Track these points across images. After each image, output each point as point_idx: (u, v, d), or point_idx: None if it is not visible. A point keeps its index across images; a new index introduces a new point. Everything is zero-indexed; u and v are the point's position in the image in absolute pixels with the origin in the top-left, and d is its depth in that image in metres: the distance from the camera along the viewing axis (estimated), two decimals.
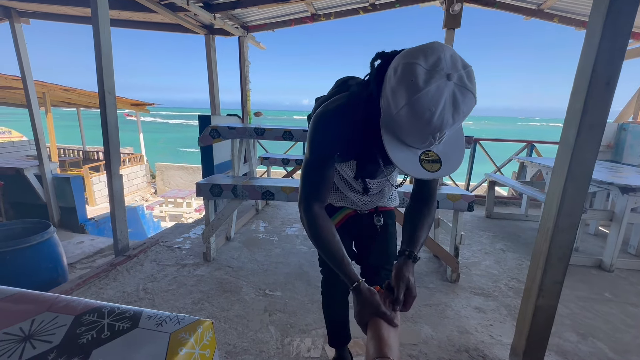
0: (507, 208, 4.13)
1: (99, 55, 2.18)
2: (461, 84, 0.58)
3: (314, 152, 0.81)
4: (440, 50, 0.59)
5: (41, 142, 4.00)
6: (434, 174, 0.66)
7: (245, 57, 4.00)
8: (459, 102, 0.58)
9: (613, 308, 1.96)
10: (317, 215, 0.80)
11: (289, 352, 1.50)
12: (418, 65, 0.58)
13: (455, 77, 0.57)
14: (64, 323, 0.47)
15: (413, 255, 0.81)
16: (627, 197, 2.32)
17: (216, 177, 2.54)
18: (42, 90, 6.63)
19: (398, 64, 0.61)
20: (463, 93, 0.58)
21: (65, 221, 4.37)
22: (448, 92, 0.57)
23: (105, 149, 2.33)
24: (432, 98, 0.57)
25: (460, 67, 0.59)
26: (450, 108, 0.58)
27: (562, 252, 1.23)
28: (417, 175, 0.67)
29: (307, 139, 0.83)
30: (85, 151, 10.05)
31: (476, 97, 0.60)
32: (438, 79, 0.57)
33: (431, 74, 0.57)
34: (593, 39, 1.07)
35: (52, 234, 2.26)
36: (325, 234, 0.80)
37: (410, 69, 0.58)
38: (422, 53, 0.59)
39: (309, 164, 0.82)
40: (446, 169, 0.67)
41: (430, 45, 0.60)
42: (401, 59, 0.62)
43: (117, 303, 1.64)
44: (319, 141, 0.80)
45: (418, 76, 0.57)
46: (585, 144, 1.12)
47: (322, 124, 0.80)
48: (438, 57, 0.58)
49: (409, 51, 0.62)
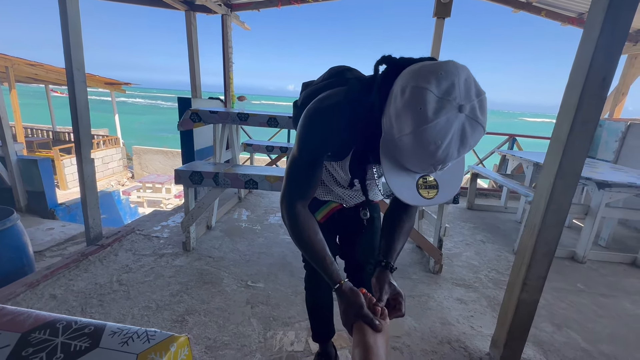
0: (487, 200, 4.23)
1: (65, 26, 1.98)
2: (473, 116, 0.52)
3: (303, 151, 0.74)
4: (454, 74, 0.52)
5: (4, 120, 3.70)
6: (429, 200, 0.63)
7: (228, 37, 3.80)
8: (467, 136, 0.53)
9: (585, 299, 2.04)
10: (299, 214, 0.76)
11: (272, 346, 1.47)
12: (429, 92, 0.51)
13: (467, 108, 0.52)
14: (8, 343, 0.40)
15: (390, 266, 0.79)
16: (603, 192, 2.40)
17: (197, 163, 2.42)
18: (5, 64, 6.13)
19: (406, 85, 0.54)
20: (473, 126, 0.53)
21: (33, 206, 4.10)
22: (458, 125, 0.52)
23: (74, 130, 2.15)
24: (439, 131, 0.51)
25: (474, 96, 0.53)
26: (457, 142, 0.53)
27: (547, 248, 1.24)
28: (412, 203, 0.63)
29: (297, 134, 0.75)
30: (56, 132, 9.49)
31: (485, 129, 0.55)
32: (449, 110, 0.51)
33: (442, 104, 0.51)
34: (592, 33, 1.04)
35: (16, 221, 2.09)
36: (308, 234, 0.75)
37: (420, 95, 0.52)
38: (435, 76, 0.52)
39: (297, 163, 0.76)
40: (442, 196, 0.64)
41: (444, 66, 0.53)
42: (411, 79, 0.54)
43: (89, 296, 1.54)
44: (310, 140, 0.74)
45: (427, 105, 0.51)
46: (577, 140, 1.11)
47: (315, 122, 0.72)
48: (452, 83, 0.52)
49: (420, 70, 0.55)
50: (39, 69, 7.11)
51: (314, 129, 0.73)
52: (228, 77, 3.95)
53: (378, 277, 0.77)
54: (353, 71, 0.87)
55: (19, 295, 1.71)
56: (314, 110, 0.73)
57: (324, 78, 0.90)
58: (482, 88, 0.55)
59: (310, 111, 0.73)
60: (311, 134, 0.73)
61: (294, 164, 0.77)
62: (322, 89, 0.81)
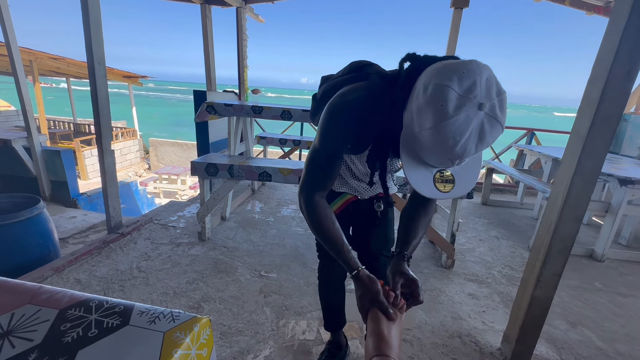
0: (503, 195, 4.14)
1: (87, 21, 2.04)
2: (492, 114, 0.55)
3: (325, 144, 0.76)
4: (477, 72, 0.54)
5: (29, 112, 3.84)
6: (445, 194, 0.66)
7: (243, 30, 3.82)
8: (485, 133, 0.56)
9: (602, 297, 2.00)
10: (317, 204, 0.77)
11: (284, 334, 1.51)
12: (450, 90, 0.53)
13: (487, 106, 0.54)
14: (47, 318, 0.43)
15: (407, 258, 0.80)
16: (625, 189, 2.32)
17: (212, 155, 2.47)
18: (29, 58, 6.34)
19: (429, 82, 0.56)
20: (492, 124, 0.55)
21: (57, 195, 4.28)
22: (477, 122, 0.54)
23: (95, 123, 2.23)
24: (459, 127, 0.54)
25: (494, 95, 0.55)
26: (475, 138, 0.55)
27: (563, 245, 1.22)
28: (429, 196, 0.66)
29: (319, 126, 0.77)
30: (76, 124, 9.79)
31: (504, 127, 0.57)
32: (469, 107, 0.53)
33: (463, 102, 0.53)
34: (618, 23, 1.00)
35: (42, 209, 2.20)
36: (326, 223, 0.77)
37: (442, 92, 0.54)
38: (457, 75, 0.54)
39: (317, 154, 0.78)
40: (458, 190, 0.66)
41: (467, 65, 0.55)
42: (434, 76, 0.56)
43: (110, 281, 1.61)
44: (332, 134, 0.75)
45: (449, 102, 0.53)
46: (598, 135, 1.08)
47: (338, 116, 0.74)
48: (473, 82, 0.53)
49: (444, 69, 0.56)
50: (61, 63, 7.33)
51: (336, 122, 0.74)
52: (242, 70, 3.98)
53: (393, 266, 0.78)
54: (374, 66, 0.88)
55: (47, 278, 1.81)
56: (336, 104, 0.75)
57: (344, 72, 0.91)
58: (502, 87, 0.56)
59: (333, 105, 0.75)
60: (333, 127, 0.75)
61: (314, 156, 0.78)
62: (342, 83, 0.83)
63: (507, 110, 0.57)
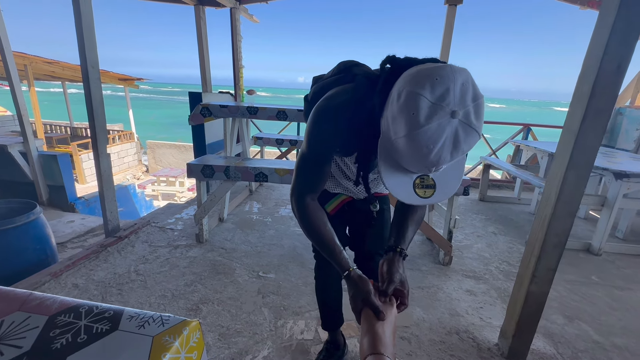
0: (500, 191, 4.16)
1: (79, 25, 2.03)
2: (466, 121, 0.53)
3: (312, 148, 0.77)
4: (450, 79, 0.53)
5: (24, 117, 3.83)
6: (425, 199, 0.65)
7: (237, 31, 3.81)
8: (460, 141, 0.54)
9: (599, 291, 2.01)
10: (308, 206, 0.78)
11: (282, 334, 1.51)
12: (422, 98, 0.52)
13: (460, 114, 0.52)
14: (37, 325, 0.43)
15: (403, 254, 0.80)
16: (621, 182, 2.33)
17: (208, 157, 2.47)
18: (23, 62, 6.32)
19: (402, 89, 0.55)
20: (466, 131, 0.54)
21: (55, 200, 4.27)
22: (450, 130, 0.53)
23: (90, 126, 2.22)
24: (431, 136, 0.53)
25: (469, 101, 0.53)
26: (450, 146, 0.54)
27: (557, 240, 1.23)
28: (407, 202, 0.65)
29: (306, 130, 0.78)
30: (73, 127, 9.76)
31: (480, 133, 0.55)
32: (441, 116, 0.52)
33: (434, 110, 0.52)
34: (607, 18, 1.01)
35: (39, 214, 2.19)
36: (317, 224, 0.78)
37: (414, 100, 0.53)
38: (430, 81, 0.53)
39: (306, 158, 0.78)
40: (440, 195, 0.65)
41: (440, 71, 0.53)
42: (407, 83, 0.55)
43: (108, 285, 1.62)
44: (318, 137, 0.76)
45: (420, 110, 0.52)
46: (589, 130, 1.09)
47: (323, 120, 0.74)
48: (446, 89, 0.52)
49: (417, 75, 0.55)
50: (55, 66, 7.30)
51: (322, 126, 0.75)
52: (238, 71, 3.97)
53: (389, 262, 0.78)
54: (361, 66, 0.88)
55: (44, 284, 1.81)
56: (322, 108, 0.75)
57: (333, 73, 0.91)
58: (479, 92, 0.55)
59: (319, 109, 0.75)
60: (319, 132, 0.75)
61: (303, 160, 0.79)
62: (330, 84, 0.83)
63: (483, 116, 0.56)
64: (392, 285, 0.74)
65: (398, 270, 0.76)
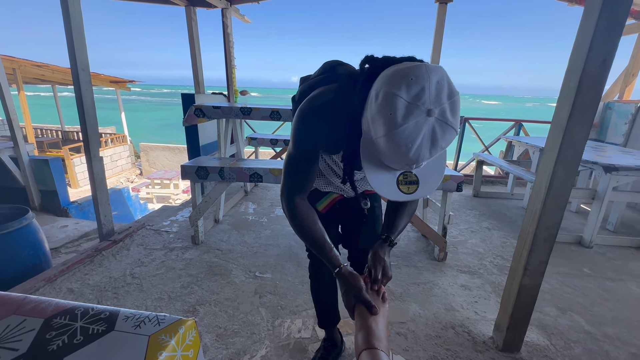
0: (493, 187, 4.20)
1: (68, 28, 2.01)
2: (442, 119, 0.55)
3: (298, 149, 0.78)
4: (425, 78, 0.54)
5: (14, 121, 3.78)
6: (409, 195, 0.66)
7: (229, 32, 3.80)
8: (437, 138, 0.56)
9: (591, 283, 2.05)
10: (297, 206, 0.80)
11: (280, 334, 1.52)
12: (399, 98, 0.54)
13: (436, 112, 0.54)
14: (32, 327, 0.44)
15: (390, 240, 0.82)
16: (610, 176, 2.37)
17: (202, 159, 2.46)
18: (12, 66, 6.23)
19: (380, 90, 0.57)
20: (443, 128, 0.55)
21: (47, 205, 4.22)
22: (427, 128, 0.55)
23: (82, 130, 2.21)
24: (409, 135, 0.54)
25: (445, 99, 0.55)
26: (428, 144, 0.56)
27: (548, 233, 1.25)
28: (392, 198, 0.67)
29: (291, 132, 0.79)
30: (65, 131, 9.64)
31: (457, 129, 0.57)
32: (417, 115, 0.53)
33: (411, 109, 0.53)
34: (591, 15, 1.03)
35: (31, 219, 2.17)
36: (307, 224, 0.80)
37: (391, 101, 0.54)
38: (405, 82, 0.54)
39: (293, 160, 0.80)
40: (422, 191, 0.67)
41: (416, 71, 0.55)
42: (384, 84, 0.57)
43: (104, 289, 1.61)
44: (303, 138, 0.77)
45: (397, 110, 0.54)
46: (577, 125, 1.11)
47: (307, 121, 0.76)
48: (422, 88, 0.53)
49: (393, 75, 0.57)
50: (45, 70, 7.21)
51: (307, 126, 0.76)
52: (230, 72, 3.96)
53: (376, 251, 0.80)
54: (345, 66, 0.89)
55: (38, 289, 1.79)
56: (305, 109, 0.76)
57: (318, 73, 0.92)
58: (455, 89, 0.56)
59: (303, 110, 0.76)
60: (304, 133, 0.77)
61: (290, 161, 0.81)
62: (315, 84, 0.84)
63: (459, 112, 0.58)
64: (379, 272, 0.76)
65: (382, 257, 0.79)
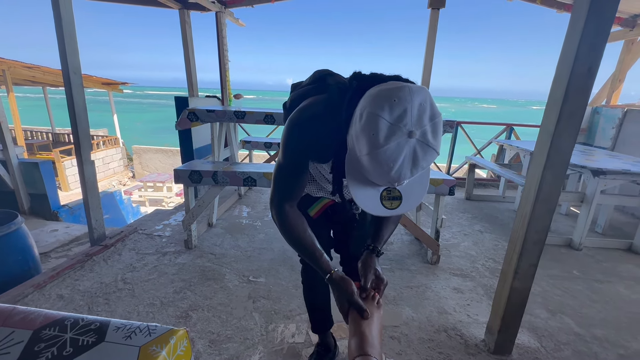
0: (485, 190, 4.25)
1: (60, 30, 1.99)
2: (424, 140, 0.56)
3: (287, 158, 0.80)
4: (407, 101, 0.55)
5: (3, 124, 3.72)
6: (391, 211, 0.68)
7: (223, 35, 3.80)
8: (418, 158, 0.57)
9: (580, 285, 2.08)
10: (287, 214, 0.81)
11: (274, 338, 1.52)
12: (381, 119, 0.55)
13: (417, 133, 0.56)
14: (21, 339, 0.43)
15: (377, 251, 0.83)
16: (598, 179, 2.42)
17: (195, 162, 2.45)
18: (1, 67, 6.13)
19: (364, 110, 0.59)
20: (424, 149, 0.57)
21: (37, 209, 4.15)
22: (408, 149, 0.56)
23: (73, 133, 2.18)
24: (390, 155, 0.56)
25: (427, 121, 0.56)
26: (409, 164, 0.57)
27: (537, 237, 1.27)
28: (375, 213, 0.68)
29: (281, 142, 0.80)
30: (55, 133, 9.51)
31: (438, 150, 0.59)
32: (399, 136, 0.55)
33: (393, 130, 0.55)
34: (577, 25, 1.05)
35: (20, 224, 2.13)
36: (297, 231, 0.81)
37: (374, 121, 0.56)
38: (389, 103, 0.56)
39: (282, 168, 0.81)
40: (405, 206, 0.68)
41: (399, 92, 0.56)
42: (368, 104, 0.59)
43: (95, 295, 1.58)
44: (292, 148, 0.79)
45: (379, 131, 0.55)
46: (564, 132, 1.14)
47: (297, 132, 0.77)
48: (404, 110, 0.55)
49: (377, 96, 0.58)
50: (36, 71, 7.11)
51: (296, 138, 0.77)
52: (224, 75, 3.95)
53: (364, 261, 0.82)
54: (335, 76, 0.90)
55: (27, 296, 1.76)
56: (295, 120, 0.78)
57: (308, 82, 0.93)
58: (437, 111, 0.58)
59: (292, 121, 0.78)
60: (293, 143, 0.78)
61: (279, 169, 0.82)
62: (306, 93, 0.86)
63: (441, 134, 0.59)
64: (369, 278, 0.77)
65: (372, 265, 0.80)
